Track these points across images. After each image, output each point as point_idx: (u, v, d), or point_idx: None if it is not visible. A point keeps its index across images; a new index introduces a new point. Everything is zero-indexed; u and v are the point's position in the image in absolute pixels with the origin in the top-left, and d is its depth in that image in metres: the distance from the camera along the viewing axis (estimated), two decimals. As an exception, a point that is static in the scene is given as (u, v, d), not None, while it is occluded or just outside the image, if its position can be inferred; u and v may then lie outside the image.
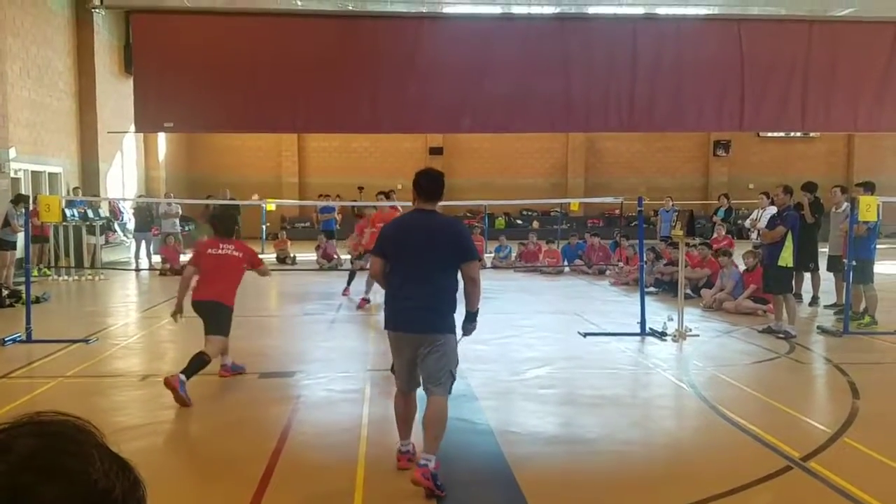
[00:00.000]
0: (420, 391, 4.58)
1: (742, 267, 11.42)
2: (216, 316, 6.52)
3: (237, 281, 6.73)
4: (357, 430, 5.47)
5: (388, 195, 11.82)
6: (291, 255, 18.63)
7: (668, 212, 18.43)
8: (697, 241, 13.08)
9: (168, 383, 5.95)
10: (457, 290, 4.52)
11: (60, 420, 0.84)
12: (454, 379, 4.55)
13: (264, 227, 23.16)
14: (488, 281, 15.41)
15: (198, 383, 7.01)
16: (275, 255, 19.09)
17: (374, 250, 4.89)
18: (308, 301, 12.26)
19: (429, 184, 4.60)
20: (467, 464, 4.92)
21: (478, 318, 4.69)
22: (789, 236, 8.97)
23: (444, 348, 4.41)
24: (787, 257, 8.97)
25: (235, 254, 6.70)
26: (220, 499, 4.41)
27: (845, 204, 10.48)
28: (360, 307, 11.14)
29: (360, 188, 24.29)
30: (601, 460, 5.00)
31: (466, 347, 8.31)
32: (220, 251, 6.69)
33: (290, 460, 4.89)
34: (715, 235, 15.78)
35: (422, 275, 4.45)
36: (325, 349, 8.60)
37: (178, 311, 6.74)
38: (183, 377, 6.01)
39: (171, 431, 5.64)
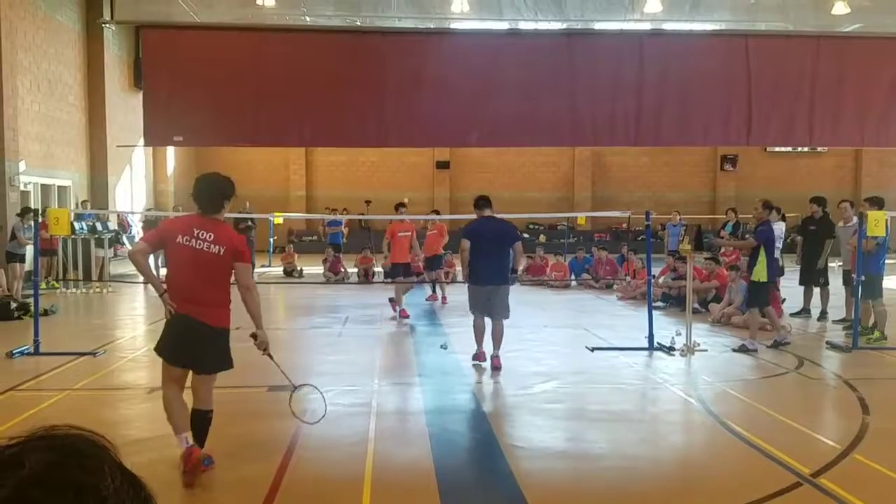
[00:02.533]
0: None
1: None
2: (204, 345, 4.72)
3: (223, 288, 4.75)
4: (364, 444, 5.45)
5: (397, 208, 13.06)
6: (298, 268, 18.67)
7: (675, 226, 18.39)
8: (705, 255, 13.04)
9: (191, 470, 4.60)
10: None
11: (75, 434, 0.84)
12: (509, 310, 8.02)
13: (272, 240, 23.24)
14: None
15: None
16: (282, 269, 19.13)
17: (465, 236, 7.97)
18: (315, 314, 12.27)
19: (483, 201, 8.20)
20: (475, 478, 4.90)
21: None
22: (762, 252, 8.93)
23: (506, 292, 7.99)
24: (759, 272, 8.93)
25: (214, 249, 4.64)
26: (226, 513, 4.39)
27: (854, 219, 10.46)
28: (403, 316, 11.53)
29: (368, 202, 24.37)
30: (609, 476, 4.97)
31: (472, 362, 8.30)
32: (193, 240, 4.63)
33: (296, 476, 4.87)
34: (723, 250, 15.72)
35: (497, 253, 7.91)
36: (332, 363, 8.59)
37: (168, 304, 4.81)
38: (199, 455, 4.68)
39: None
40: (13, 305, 11.24)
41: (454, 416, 6.28)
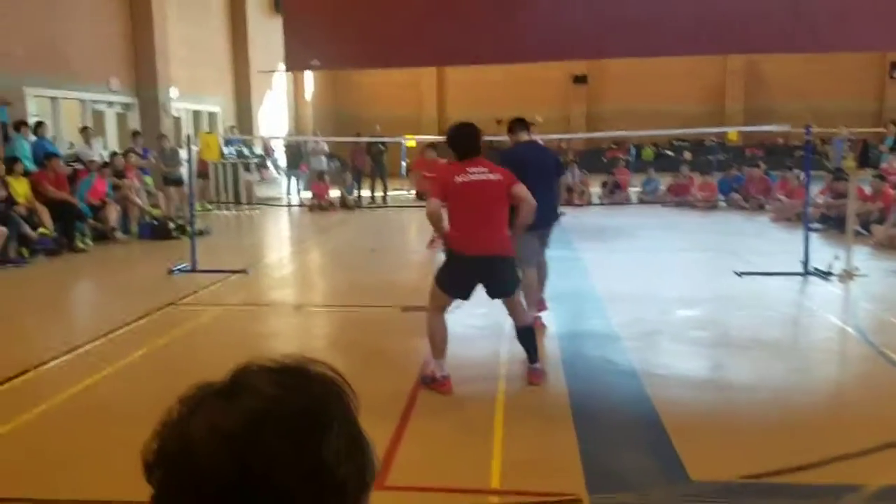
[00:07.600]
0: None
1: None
2: (504, 274, 5.00)
3: (507, 213, 4.99)
4: (496, 366, 5.45)
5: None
6: (433, 189, 18.82)
7: (841, 141, 16.85)
8: (870, 172, 11.91)
9: (537, 381, 5.04)
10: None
11: (328, 379, 0.83)
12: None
13: (405, 163, 23.49)
14: (633, 217, 14.88)
15: (334, 313, 7.29)
16: (414, 192, 19.36)
17: (510, 165, 5.35)
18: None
19: (520, 124, 6.45)
20: (610, 405, 4.79)
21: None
22: None
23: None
24: None
25: (492, 177, 4.88)
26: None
27: None
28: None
29: (499, 121, 23.96)
30: (755, 405, 4.70)
31: (607, 286, 8.07)
32: (471, 176, 4.85)
33: (430, 392, 4.92)
34: (885, 165, 14.30)
35: (543, 188, 5.78)
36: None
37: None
38: (537, 366, 5.11)
39: (322, 359, 5.86)
40: (172, 226, 12.11)
41: (588, 342, 6.15)
